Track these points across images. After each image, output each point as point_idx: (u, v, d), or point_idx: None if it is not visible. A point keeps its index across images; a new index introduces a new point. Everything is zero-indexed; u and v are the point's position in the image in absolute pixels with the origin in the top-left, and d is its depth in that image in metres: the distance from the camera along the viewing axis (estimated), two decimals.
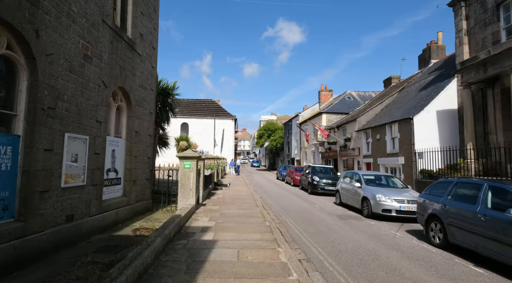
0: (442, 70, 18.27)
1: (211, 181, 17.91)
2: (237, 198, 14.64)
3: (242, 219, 9.47)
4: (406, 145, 15.57)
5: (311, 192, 18.59)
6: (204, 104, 41.33)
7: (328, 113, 30.59)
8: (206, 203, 12.61)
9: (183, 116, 38.17)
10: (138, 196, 9.53)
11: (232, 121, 39.39)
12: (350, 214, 11.81)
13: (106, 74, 7.31)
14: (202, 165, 13.04)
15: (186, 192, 10.33)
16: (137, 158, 9.43)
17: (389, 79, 28.30)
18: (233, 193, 16.97)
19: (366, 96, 34.37)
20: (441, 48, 22.60)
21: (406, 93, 20.26)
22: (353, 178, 13.21)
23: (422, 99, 16.45)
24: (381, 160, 18.08)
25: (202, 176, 13.00)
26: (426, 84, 18.35)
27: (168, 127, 18.42)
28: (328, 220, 10.32)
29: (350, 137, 22.48)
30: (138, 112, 9.47)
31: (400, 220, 10.49)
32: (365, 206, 11.28)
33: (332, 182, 18.41)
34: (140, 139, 9.70)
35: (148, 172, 10.42)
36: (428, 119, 15.05)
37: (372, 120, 20.66)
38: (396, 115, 17.44)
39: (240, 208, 11.74)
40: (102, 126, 7.11)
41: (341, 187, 13.99)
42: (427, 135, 14.92)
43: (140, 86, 9.62)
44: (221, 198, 14.70)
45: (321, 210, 12.60)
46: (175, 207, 10.45)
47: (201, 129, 37.58)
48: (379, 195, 10.72)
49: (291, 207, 13.07)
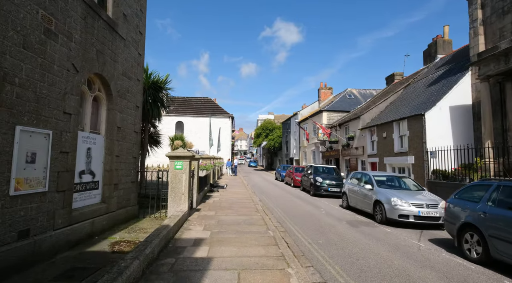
0: (452, 64, 17.18)
1: (206, 183, 16.67)
2: (235, 202, 13.41)
3: (242, 228, 8.24)
4: (416, 143, 14.44)
5: (314, 194, 17.41)
6: (200, 102, 40.02)
7: (329, 111, 29.45)
8: (200, 208, 11.37)
9: (178, 114, 36.88)
10: (121, 201, 8.27)
11: (229, 120, 38.13)
12: (361, 219, 10.63)
13: (77, 57, 6.05)
14: (196, 165, 11.81)
15: (177, 196, 9.09)
16: (120, 158, 8.18)
17: (392, 76, 27.23)
18: (231, 195, 15.74)
19: (367, 94, 33.29)
20: (448, 43, 21.54)
21: (413, 89, 19.15)
22: (362, 179, 12.04)
23: (433, 95, 15.33)
24: (388, 159, 16.95)
25: (196, 177, 11.76)
26: (435, 79, 17.24)
27: (160, 124, 17.15)
28: (338, 227, 9.13)
29: (354, 135, 21.35)
30: (121, 105, 8.22)
31: (419, 227, 9.33)
32: (378, 211, 10.11)
33: (336, 183, 17.27)
34: (124, 136, 8.44)
35: (134, 174, 9.17)
36: (441, 115, 13.92)
37: (377, 118, 19.54)
38: (404, 112, 16.31)
39: (238, 213, 10.52)
40: (72, 119, 5.86)
41: (349, 189, 12.82)
42: (439, 133, 13.80)
43: (124, 75, 8.36)
44: (217, 201, 13.46)
45: (327, 214, 11.41)
46: (165, 213, 9.21)
47: (196, 128, 36.28)
48: (394, 198, 9.55)
49: (294, 211, 11.88)
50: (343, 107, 30.28)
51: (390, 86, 26.07)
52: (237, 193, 16.98)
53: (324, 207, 13.48)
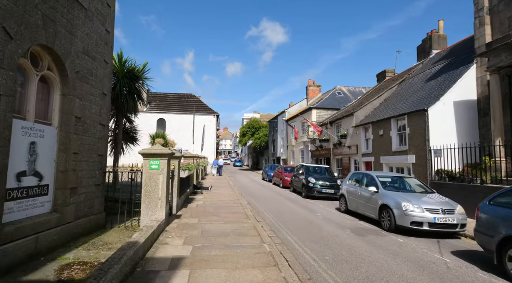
0: (451, 58, 16.30)
1: (189, 184, 15.12)
2: (221, 206, 11.94)
3: (231, 240, 6.82)
4: (418, 141, 13.39)
5: (306, 196, 16.15)
6: (183, 99, 38.18)
7: (318, 108, 28.35)
8: (181, 214, 9.86)
9: (160, 111, 34.98)
10: (81, 209, 6.68)
11: (214, 117, 36.51)
12: (365, 226, 9.40)
13: (11, 18, 4.47)
14: (176, 164, 10.28)
15: (153, 202, 7.57)
16: (80, 155, 6.59)
17: (383, 72, 26.39)
18: (216, 198, 14.26)
19: (356, 92, 32.45)
20: (443, 38, 20.76)
21: (409, 85, 18.20)
22: (363, 180, 10.82)
23: (434, 90, 14.34)
24: (385, 158, 15.89)
25: (177, 178, 10.24)
26: (435, 74, 16.31)
27: (137, 119, 15.50)
28: (343, 237, 7.84)
29: (346, 133, 20.25)
30: (82, 90, 6.62)
31: (432, 236, 8.17)
32: (385, 217, 8.89)
33: (330, 184, 16.08)
34: (86, 129, 6.85)
35: (100, 175, 7.57)
36: (444, 111, 12.91)
37: (372, 115, 18.49)
38: (403, 108, 15.28)
39: (226, 220, 9.07)
40: (2, 101, 4.28)
41: (347, 191, 11.59)
42: (443, 129, 12.78)
43: (86, 54, 6.77)
44: (201, 205, 11.96)
45: (326, 220, 10.13)
46: (138, 221, 7.67)
47: (179, 125, 34.47)
48: (405, 203, 8.35)
49: (288, 216, 10.54)
50: (333, 105, 29.28)
51: (382, 83, 25.20)
52: (223, 195, 15.51)
53: (319, 210, 12.21)
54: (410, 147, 13.90)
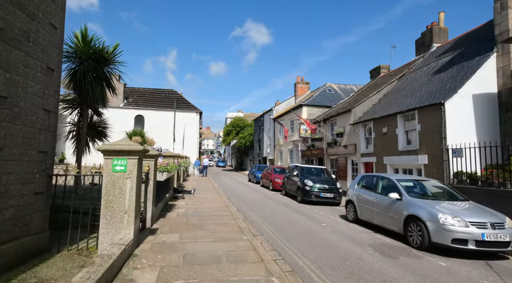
0: (462, 48, 14.96)
1: (168, 188, 13.02)
2: (207, 215, 9.94)
3: (226, 272, 4.86)
4: (432, 139, 11.86)
5: (302, 200, 14.36)
6: (164, 95, 35.69)
7: (309, 106, 26.70)
8: (158, 228, 7.79)
9: (138, 107, 32.41)
10: (7, 230, 4.57)
11: (197, 115, 34.23)
12: (387, 241, 7.66)
13: None
14: (152, 165, 8.20)
15: (116, 216, 5.52)
16: (7, 152, 4.48)
17: (377, 68, 25.07)
18: (201, 204, 12.22)
19: (347, 89, 31.08)
20: (444, 31, 19.54)
21: (412, 79, 16.79)
22: (378, 185, 9.11)
23: (447, 82, 12.88)
24: (390, 159, 14.33)
25: (153, 183, 8.17)
26: (443, 66, 14.92)
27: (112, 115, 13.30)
28: (369, 260, 6.04)
29: (343, 131, 18.64)
30: (9, 58, 4.52)
31: (478, 256, 6.52)
32: (413, 231, 7.18)
33: (329, 187, 14.37)
34: (17, 114, 4.74)
35: (41, 180, 5.44)
36: (463, 105, 11.44)
37: (372, 111, 16.95)
38: (410, 103, 13.76)
39: (215, 236, 7.09)
40: None
41: (357, 197, 9.87)
42: (461, 126, 11.30)
43: (17, 7, 4.66)
44: (183, 214, 9.91)
45: (336, 233, 8.34)
46: (96, 243, 5.58)
47: (159, 123, 31.99)
48: (443, 214, 6.66)
49: (289, 229, 8.68)
50: (324, 102, 27.73)
51: (377, 78, 23.84)
52: (208, 200, 13.48)
53: (323, 219, 10.42)
54: (421, 145, 12.36)
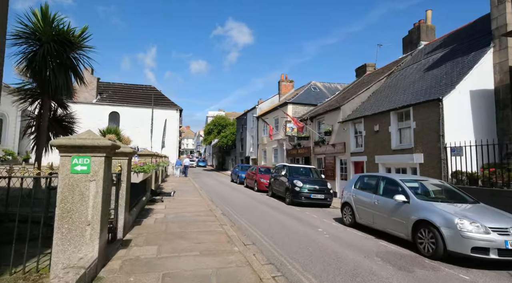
0: (453, 45, 14.59)
1: (145, 190, 11.77)
2: (190, 220, 8.82)
3: None
4: (428, 137, 11.28)
5: (291, 202, 13.48)
6: (141, 91, 33.94)
7: (295, 104, 25.97)
8: (131, 239, 6.62)
9: (113, 103, 30.57)
10: None
11: (177, 112, 32.74)
12: (394, 249, 6.86)
13: None
14: (125, 165, 7.01)
15: (76, 230, 4.37)
16: None
17: (364, 67, 24.68)
18: (182, 207, 11.06)
19: (332, 88, 30.63)
20: (431, 29, 19.28)
21: (402, 76, 16.31)
22: (380, 185, 8.32)
23: (442, 78, 12.36)
24: (382, 158, 13.70)
25: (126, 185, 6.99)
26: (435, 62, 14.48)
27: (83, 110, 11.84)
28: (382, 275, 5.18)
29: (331, 130, 17.94)
30: None
31: (502, 266, 5.80)
32: (424, 238, 6.40)
33: (320, 188, 13.57)
34: None
35: None
36: (460, 101, 10.92)
37: (361, 109, 16.33)
38: (403, 100, 13.19)
39: (201, 249, 6.01)
40: None
41: (355, 199, 9.06)
42: (458, 123, 10.77)
43: None
44: (161, 220, 8.74)
45: (336, 240, 7.46)
46: (49, 264, 4.38)
47: (136, 121, 30.29)
48: (461, 219, 5.91)
49: (283, 235, 7.73)
50: (309, 101, 27.11)
51: (363, 77, 23.40)
52: (190, 203, 12.32)
53: (317, 223, 9.55)
54: (416, 144, 11.77)
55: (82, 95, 29.79)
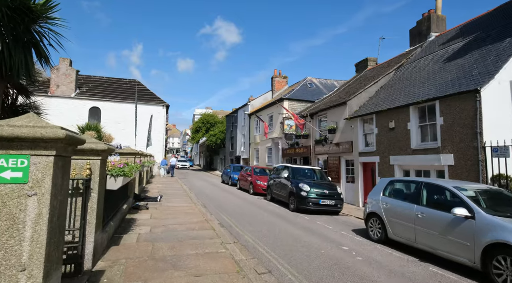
0: (476, 33, 13.23)
1: (127, 195, 9.82)
2: (182, 236, 6.95)
3: None
4: (460, 135, 9.78)
5: (297, 208, 11.79)
6: (124, 85, 31.52)
7: (291, 100, 24.31)
8: (105, 270, 4.73)
9: (94, 98, 28.10)
10: None
11: (163, 108, 30.54)
12: (455, 280, 5.23)
13: None
14: (97, 167, 5.09)
15: (0, 279, 2.48)
16: None
17: (365, 61, 23.24)
18: (171, 217, 9.16)
19: (328, 84, 29.16)
20: (441, 19, 18.00)
21: (416, 68, 14.84)
22: (422, 194, 6.69)
23: (473, 68, 10.85)
24: (398, 158, 12.17)
25: (97, 195, 5.07)
26: (457, 52, 13.07)
27: (53, 101, 9.74)
28: None
29: (335, 127, 16.34)
30: None
31: None
32: (505, 270, 4.79)
33: (329, 193, 11.92)
34: None
35: None
36: (501, 93, 9.45)
37: (371, 104, 14.78)
38: (424, 93, 11.68)
39: None
40: None
41: (387, 209, 7.43)
42: (499, 119, 9.27)
43: None
44: (146, 237, 6.84)
45: (373, 264, 5.78)
46: None
47: (119, 117, 27.96)
48: None
49: (306, 259, 6.00)
50: (305, 97, 25.52)
51: (365, 72, 21.94)
52: (180, 210, 10.43)
53: (337, 238, 7.87)
54: (444, 143, 10.26)
55: (60, 88, 27.30)
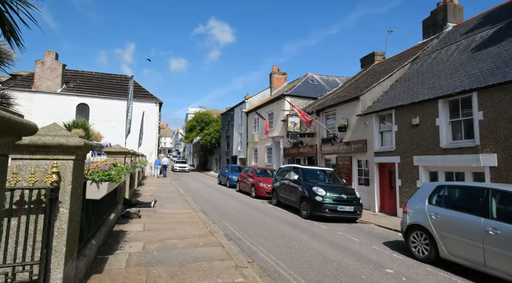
0: (508, 20, 11.98)
1: (116, 201, 8.26)
2: (184, 259, 5.43)
3: None
4: (505, 131, 8.47)
5: (311, 215, 10.38)
6: (114, 81, 29.70)
7: (293, 96, 22.87)
8: None
9: (81, 94, 26.28)
10: None
11: (156, 105, 28.85)
12: None
13: None
14: (69, 170, 3.55)
15: None
16: None
17: (371, 55, 21.95)
18: (168, 228, 7.62)
19: (330, 81, 27.84)
20: (459, 9, 16.82)
21: (438, 60, 13.54)
22: (492, 204, 5.32)
23: None
24: (424, 158, 10.83)
25: (69, 211, 3.53)
26: (487, 40, 11.82)
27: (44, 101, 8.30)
28: None
29: (347, 124, 14.98)
30: None
31: None
32: None
33: (347, 198, 10.53)
34: None
35: None
36: None
37: (388, 99, 13.43)
38: (454, 85, 10.37)
39: None
40: None
41: (436, 221, 6.06)
42: None
43: None
44: (138, 260, 5.30)
45: None
46: None
47: (109, 114, 26.19)
48: None
49: None
50: (307, 93, 24.15)
51: (372, 66, 20.66)
52: (178, 219, 8.89)
53: (372, 256, 6.46)
54: (484, 141, 8.95)
55: (45, 83, 25.41)
